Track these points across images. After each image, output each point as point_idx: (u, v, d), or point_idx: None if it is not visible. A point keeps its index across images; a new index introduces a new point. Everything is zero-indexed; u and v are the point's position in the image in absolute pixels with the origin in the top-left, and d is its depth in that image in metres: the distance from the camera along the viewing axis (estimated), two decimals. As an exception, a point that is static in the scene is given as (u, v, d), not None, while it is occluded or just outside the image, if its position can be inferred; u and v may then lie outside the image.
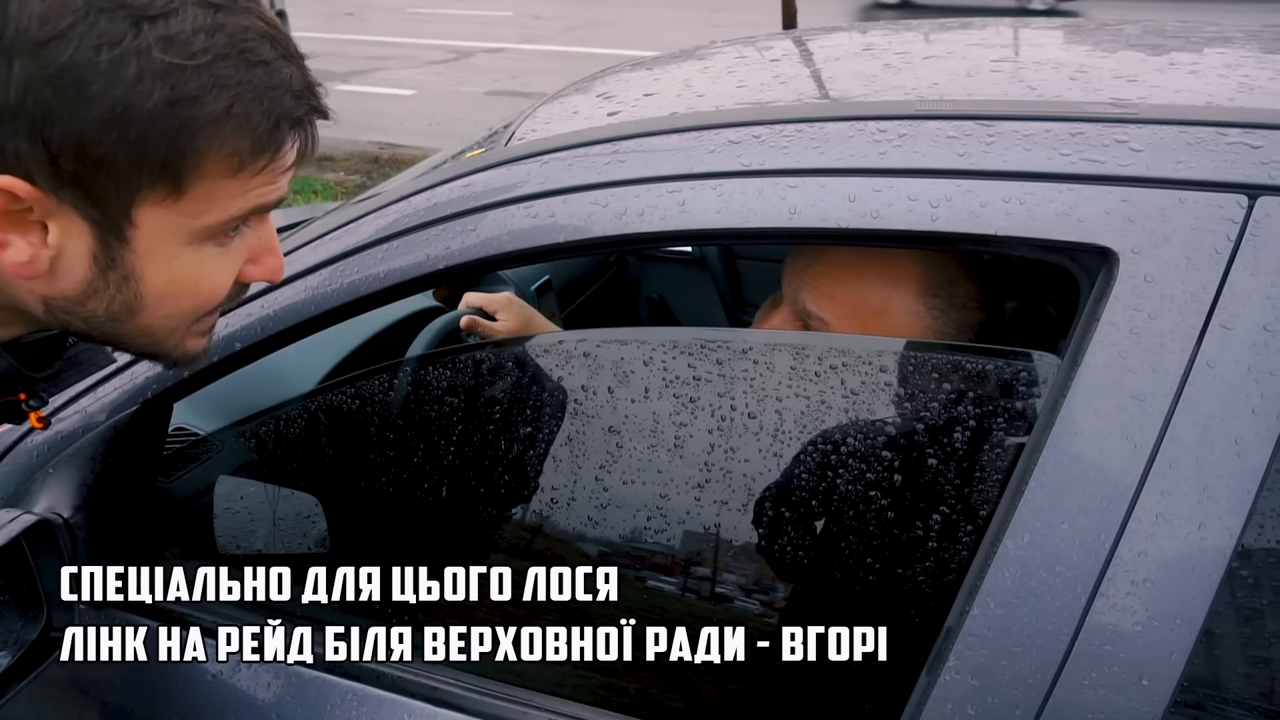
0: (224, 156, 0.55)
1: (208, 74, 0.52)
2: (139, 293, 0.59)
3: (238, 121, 0.54)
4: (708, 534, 0.81)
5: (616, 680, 0.86)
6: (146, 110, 0.51)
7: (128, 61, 0.50)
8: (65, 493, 0.97)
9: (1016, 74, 0.84)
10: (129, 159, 0.52)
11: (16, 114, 0.49)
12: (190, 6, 0.52)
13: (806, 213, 0.72)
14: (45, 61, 0.49)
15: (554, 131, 0.91)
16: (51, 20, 0.49)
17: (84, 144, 0.51)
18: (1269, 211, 0.62)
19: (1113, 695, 0.63)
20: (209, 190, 0.56)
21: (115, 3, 0.50)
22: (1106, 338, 0.64)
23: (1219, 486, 0.61)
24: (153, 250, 0.57)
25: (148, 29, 0.50)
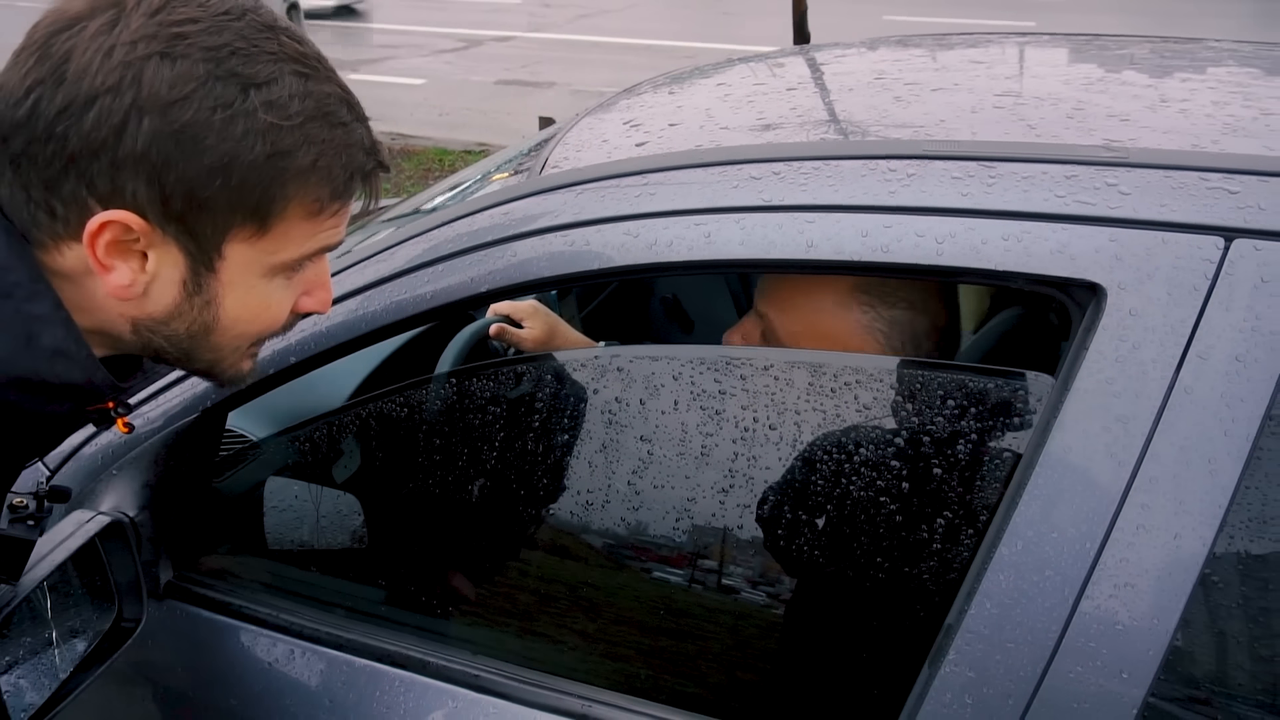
0: (307, 202, 0.64)
1: (300, 133, 0.61)
2: (216, 316, 0.67)
3: (321, 174, 0.63)
4: (732, 534, 0.88)
5: (645, 669, 0.94)
6: (248, 162, 0.59)
7: (237, 121, 0.58)
8: (130, 493, 1.04)
9: (1017, 111, 0.90)
10: (228, 202, 0.60)
11: (140, 161, 0.58)
12: (287, 75, 0.60)
13: (823, 246, 0.78)
14: (171, 119, 0.57)
15: (585, 160, 0.97)
16: (179, 85, 0.57)
17: (193, 189, 0.59)
18: (1243, 253, 0.69)
19: (1096, 687, 0.70)
20: (287, 230, 0.64)
21: (229, 71, 0.58)
22: (1094, 364, 0.71)
23: (1194, 501, 0.68)
24: (234, 280, 0.65)
25: (254, 94, 0.59)
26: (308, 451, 1.11)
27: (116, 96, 0.57)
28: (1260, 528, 0.68)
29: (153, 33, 0.57)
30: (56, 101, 0.57)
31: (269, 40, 0.60)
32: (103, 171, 0.58)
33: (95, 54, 0.57)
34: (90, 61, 0.57)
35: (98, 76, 0.57)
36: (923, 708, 0.75)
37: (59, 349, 0.61)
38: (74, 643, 0.95)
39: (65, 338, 0.61)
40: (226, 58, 0.59)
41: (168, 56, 0.57)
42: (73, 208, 0.59)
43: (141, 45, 0.57)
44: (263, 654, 1.01)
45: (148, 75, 0.57)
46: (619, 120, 1.09)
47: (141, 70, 0.57)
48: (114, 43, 0.57)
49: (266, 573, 1.12)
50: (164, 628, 1.05)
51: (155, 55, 0.57)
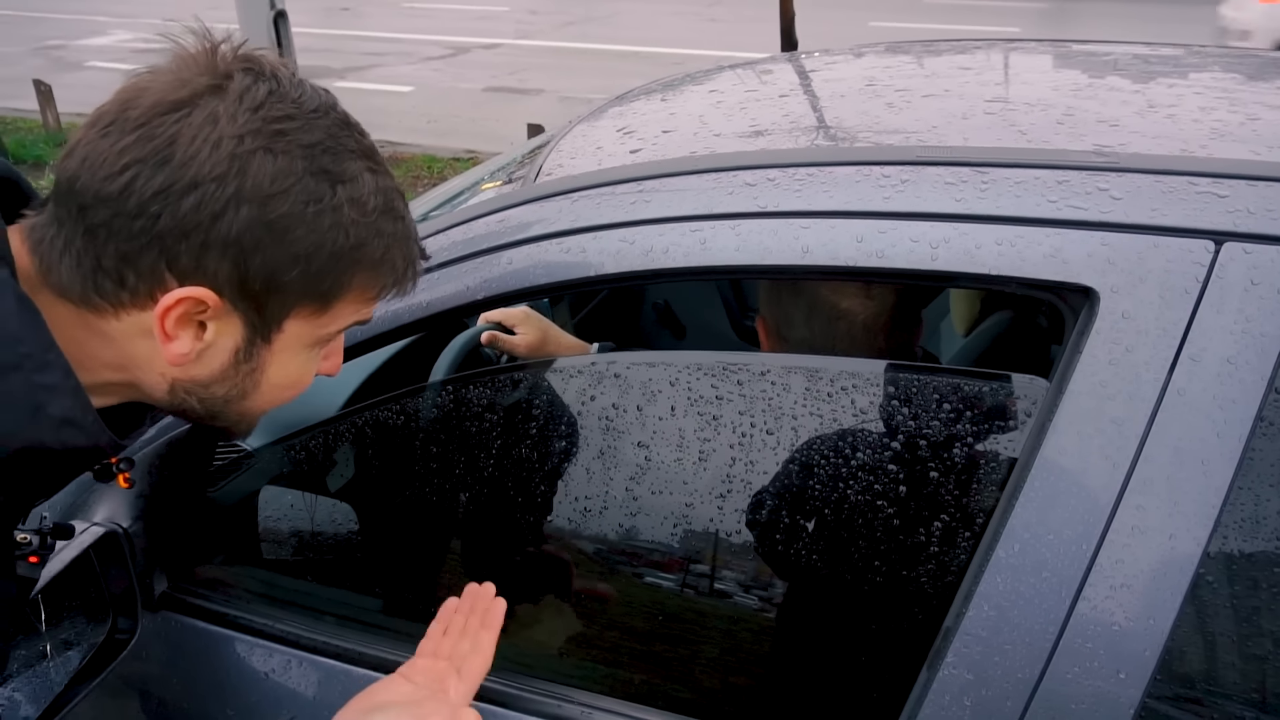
0: (368, 289, 0.68)
1: (373, 227, 0.65)
2: (258, 382, 0.69)
3: (387, 265, 0.67)
4: (729, 540, 0.88)
5: (643, 676, 0.94)
6: (329, 252, 0.63)
7: (325, 215, 0.62)
8: (124, 504, 1.04)
9: (1008, 117, 0.91)
10: (303, 287, 0.64)
11: (230, 245, 0.61)
12: (364, 173, 0.64)
13: (818, 252, 0.79)
14: (268, 210, 0.60)
15: (579, 168, 0.98)
16: (279, 180, 0.61)
17: (275, 273, 0.62)
18: (1233, 256, 0.69)
19: (1094, 687, 0.71)
20: (341, 310, 0.68)
21: (321, 168, 0.62)
22: (1088, 367, 0.72)
23: (1188, 502, 0.69)
24: (284, 350, 0.68)
25: (340, 190, 0.63)
26: (302, 460, 1.11)
27: (221, 186, 0.59)
28: (1253, 528, 0.69)
29: (257, 128, 0.60)
30: (156, 182, 0.59)
31: (348, 138, 0.65)
32: (189, 251, 0.60)
33: (204, 143, 0.59)
34: (199, 150, 0.59)
35: (205, 165, 0.59)
36: (922, 710, 0.76)
37: (67, 418, 0.62)
38: (68, 655, 0.94)
39: (73, 406, 0.62)
40: (319, 155, 0.62)
41: (270, 151, 0.61)
42: (146, 280, 0.61)
43: (248, 140, 0.60)
44: (259, 664, 1.01)
45: (253, 169, 0.60)
46: (612, 127, 1.09)
47: (247, 163, 0.60)
48: (221, 135, 0.59)
49: (262, 583, 1.12)
50: (159, 639, 1.05)
51: (260, 149, 0.60)
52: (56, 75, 8.16)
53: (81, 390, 0.63)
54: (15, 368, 0.60)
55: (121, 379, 0.67)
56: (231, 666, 1.02)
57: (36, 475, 0.65)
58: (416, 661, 0.80)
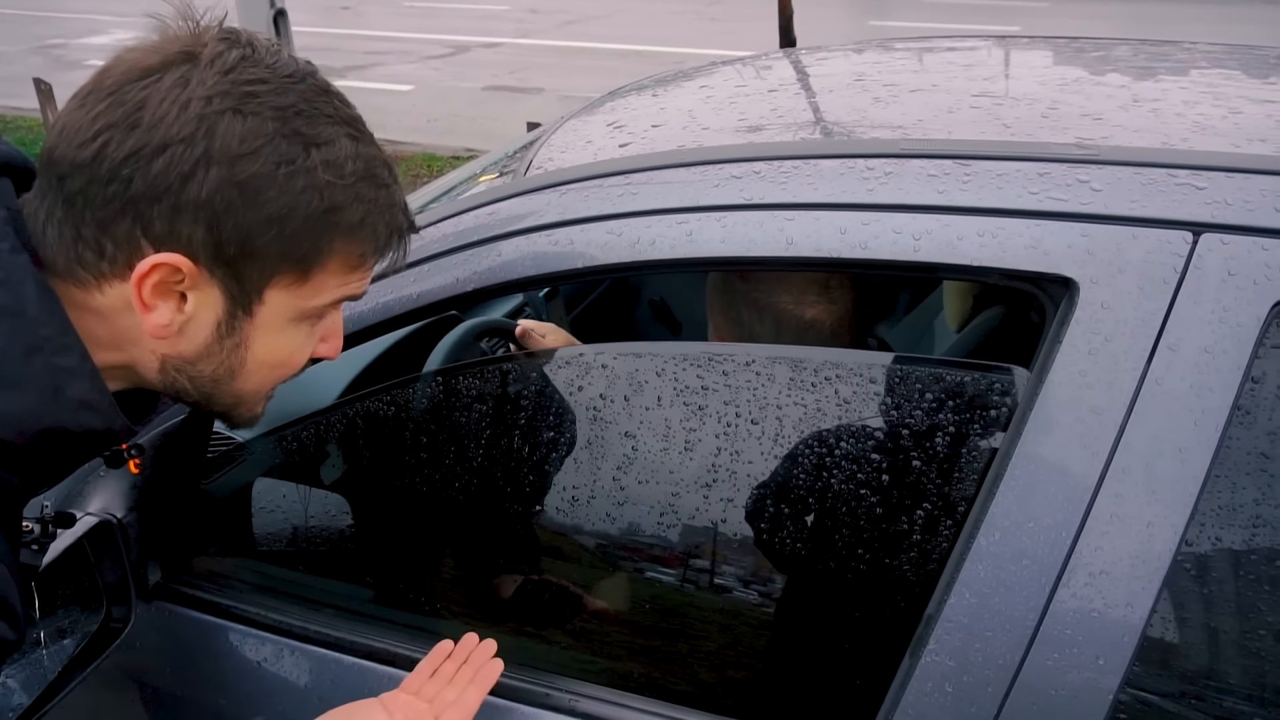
0: (350, 256, 0.67)
1: (351, 191, 0.64)
2: (244, 359, 0.69)
3: (367, 230, 0.66)
4: (715, 529, 0.89)
5: (629, 664, 0.95)
6: (304, 215, 0.63)
7: (298, 177, 0.62)
8: (118, 494, 1.04)
9: (993, 111, 0.92)
10: (279, 251, 0.64)
11: (201, 207, 0.60)
12: (341, 137, 0.64)
13: (802, 243, 0.80)
14: (238, 170, 0.60)
15: (569, 161, 0.98)
16: (249, 140, 0.60)
17: (249, 236, 0.62)
18: (1211, 247, 0.70)
19: (1073, 673, 0.72)
20: (324, 280, 0.68)
21: (293, 130, 0.62)
22: (1068, 357, 0.72)
23: (1166, 490, 0.69)
24: (267, 324, 0.68)
25: (314, 153, 0.63)
26: (295, 452, 1.12)
27: (189, 146, 0.59)
28: (1230, 515, 0.70)
29: (226, 90, 0.61)
30: (126, 146, 0.59)
31: (326, 104, 0.65)
32: (162, 215, 0.61)
33: (171, 105, 0.59)
34: (166, 112, 0.59)
35: (173, 127, 0.59)
36: (904, 697, 0.77)
37: (84, 400, 0.63)
38: (63, 644, 0.95)
39: (91, 389, 0.63)
40: (292, 118, 0.62)
41: (239, 113, 0.60)
42: (124, 247, 0.62)
43: (216, 100, 0.60)
44: (252, 653, 1.02)
45: (220, 129, 0.60)
46: (603, 122, 1.10)
47: (215, 124, 0.60)
48: (190, 96, 0.60)
49: (255, 573, 1.12)
50: (153, 629, 1.06)
51: (229, 111, 0.60)
52: (56, 74, 8.16)
53: (98, 373, 0.64)
54: (36, 350, 0.61)
55: (120, 360, 0.68)
56: (225, 655, 1.03)
57: (50, 459, 0.66)
58: (399, 695, 0.81)
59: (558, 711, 0.88)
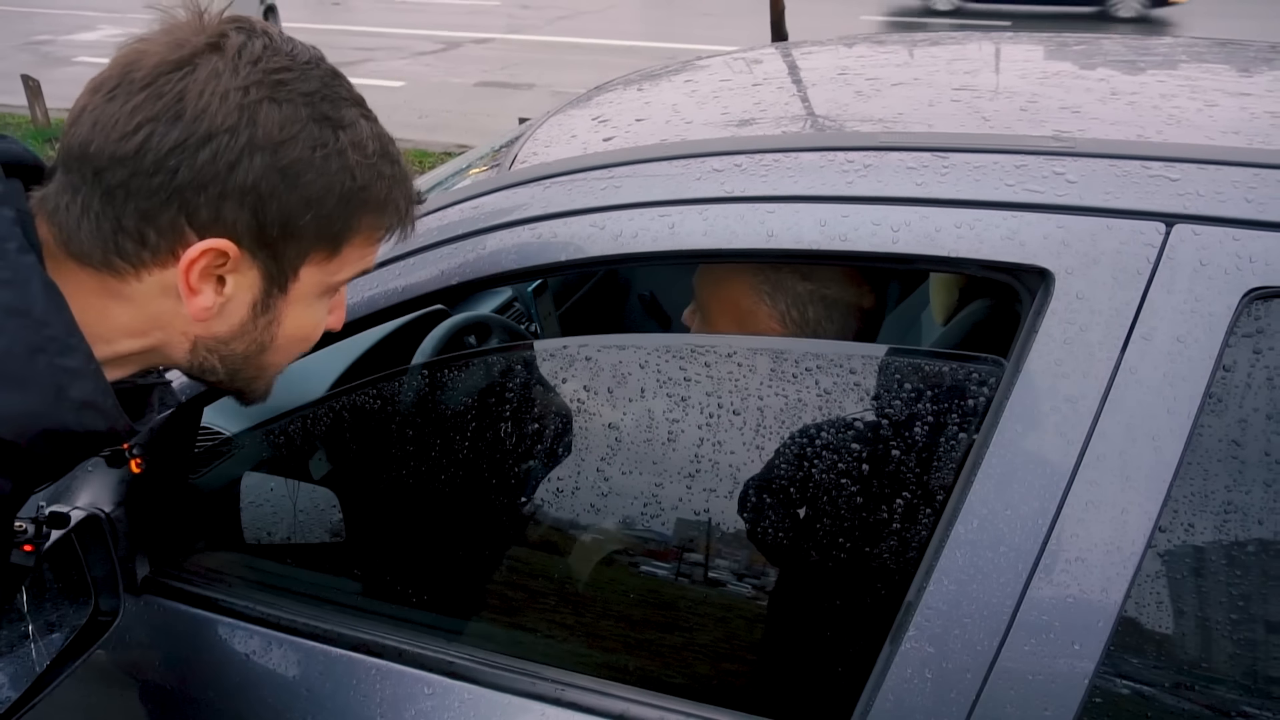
0: (373, 230, 0.70)
1: (375, 169, 0.67)
2: (274, 335, 0.71)
3: (390, 205, 0.70)
4: (697, 519, 0.90)
5: (615, 654, 0.95)
6: (338, 195, 0.66)
7: (332, 159, 0.65)
8: (106, 488, 1.05)
9: (973, 104, 0.92)
10: (315, 230, 0.66)
11: (247, 193, 0.63)
12: (360, 120, 0.67)
13: (783, 235, 0.81)
14: (280, 156, 0.63)
15: (554, 155, 0.99)
16: (287, 126, 0.63)
17: (290, 218, 0.65)
18: (1183, 237, 0.71)
19: (1049, 659, 0.73)
20: (349, 255, 0.70)
21: (322, 115, 0.65)
22: (1044, 347, 0.73)
23: (1139, 477, 0.71)
24: (298, 300, 0.70)
25: (343, 135, 0.65)
26: (283, 446, 1.12)
27: (234, 136, 0.61)
28: (1202, 501, 0.71)
29: (259, 79, 0.63)
30: (171, 136, 0.61)
31: (341, 87, 0.67)
32: (208, 202, 0.62)
33: (212, 96, 0.61)
34: (208, 104, 0.61)
35: (216, 117, 0.61)
36: (885, 683, 0.78)
37: (87, 401, 0.64)
38: (51, 638, 0.95)
39: (94, 390, 0.64)
40: (319, 102, 0.65)
41: (275, 101, 0.63)
42: (168, 235, 0.63)
43: (253, 90, 0.62)
44: (240, 646, 1.02)
45: (261, 117, 0.62)
46: (588, 116, 1.11)
47: (256, 113, 0.62)
48: (227, 87, 0.62)
49: (243, 567, 1.13)
50: (141, 622, 1.06)
51: (265, 99, 0.62)
52: (45, 70, 8.13)
53: (101, 374, 0.64)
54: (40, 350, 0.61)
55: (142, 346, 0.69)
56: (213, 649, 1.03)
57: (48, 460, 0.66)
58: None
59: (544, 700, 0.88)
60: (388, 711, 0.93)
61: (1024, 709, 0.73)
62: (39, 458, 0.64)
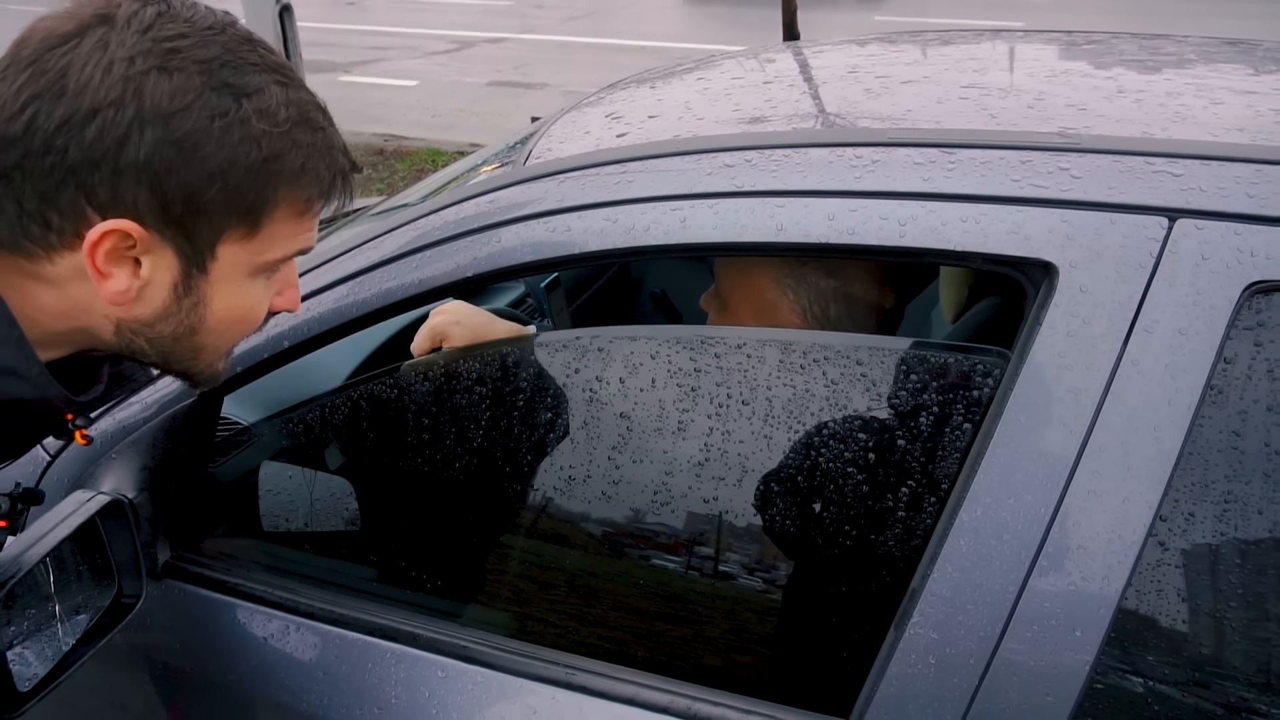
0: (296, 203, 0.68)
1: (288, 138, 0.65)
2: (203, 317, 0.69)
3: (309, 175, 0.67)
4: (706, 508, 0.92)
5: (624, 639, 0.97)
6: (245, 166, 0.63)
7: (233, 129, 0.62)
8: (129, 475, 1.08)
9: (981, 102, 0.94)
10: (225, 205, 0.64)
11: (142, 169, 0.60)
12: (271, 85, 0.64)
13: (792, 229, 0.82)
14: (172, 129, 0.60)
15: (568, 151, 1.01)
16: (179, 97, 0.60)
17: (193, 193, 0.62)
18: (1186, 232, 0.73)
19: (1051, 645, 0.74)
20: (275, 231, 0.68)
21: (222, 82, 0.62)
22: (1047, 339, 0.75)
23: (1141, 467, 0.72)
24: (222, 280, 0.69)
25: (246, 103, 0.63)
26: (301, 435, 1.15)
27: (119, 109, 0.59)
28: (1202, 491, 0.72)
29: (148, 48, 0.60)
30: (56, 115, 0.59)
31: (250, 52, 0.64)
32: (104, 181, 0.60)
33: (95, 69, 0.59)
34: (90, 76, 0.59)
35: (100, 91, 0.59)
36: (889, 668, 0.79)
37: (8, 368, 0.63)
38: (77, 619, 0.98)
39: (16, 357, 0.63)
40: (218, 69, 0.62)
41: (165, 70, 0.60)
42: (70, 218, 0.62)
43: (139, 60, 0.60)
44: (258, 630, 1.04)
45: (148, 88, 0.60)
46: (601, 113, 1.12)
47: (142, 84, 0.60)
48: (111, 58, 0.59)
49: (261, 552, 1.15)
50: (162, 606, 1.09)
51: (153, 69, 0.60)
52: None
53: (25, 342, 0.63)
54: None
55: (70, 327, 0.67)
56: (231, 632, 1.05)
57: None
58: None
59: (554, 684, 0.90)
60: (402, 694, 0.95)
61: (1025, 695, 0.75)
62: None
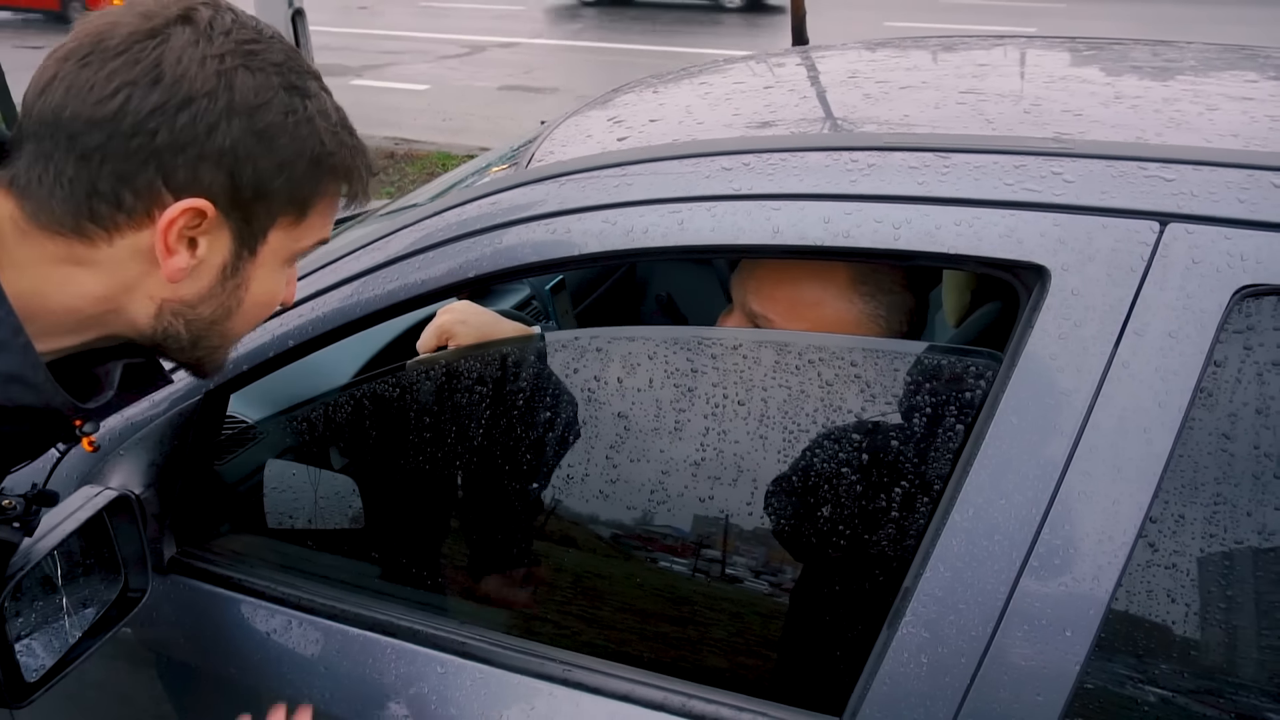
0: (335, 197, 0.73)
1: (338, 138, 0.71)
2: (240, 300, 0.74)
3: (353, 173, 0.74)
4: (702, 508, 0.93)
5: (620, 636, 0.98)
6: (308, 159, 0.69)
7: (302, 125, 0.68)
8: (136, 471, 1.09)
9: (978, 107, 0.95)
10: (287, 194, 0.70)
11: (224, 155, 0.66)
12: (321, 91, 0.71)
13: (788, 232, 0.83)
14: (255, 120, 0.66)
15: (570, 154, 1.02)
16: (261, 93, 0.67)
17: (263, 181, 0.68)
18: (1177, 236, 0.73)
19: (1042, 645, 0.75)
20: (313, 222, 0.74)
21: (290, 84, 0.68)
22: (1039, 341, 0.76)
23: (1131, 468, 0.72)
24: (264, 264, 0.73)
25: (310, 104, 0.70)
26: (305, 433, 1.16)
27: (213, 100, 0.64)
28: (1192, 493, 0.73)
29: (233, 49, 0.66)
30: (151, 99, 0.63)
31: (300, 61, 0.71)
32: (186, 163, 0.65)
33: (190, 63, 0.64)
34: (187, 69, 0.64)
35: (195, 81, 0.64)
36: (882, 667, 0.80)
37: (13, 374, 0.64)
38: (84, 612, 1.00)
39: (22, 363, 0.64)
40: (287, 73, 0.68)
41: (249, 69, 0.66)
42: (144, 197, 0.65)
43: (229, 58, 0.65)
44: (261, 625, 1.06)
45: (238, 83, 0.65)
46: (604, 117, 1.14)
47: (233, 79, 0.65)
48: (205, 54, 0.65)
49: (265, 549, 1.17)
50: (168, 601, 1.10)
51: (240, 67, 0.66)
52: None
53: (31, 349, 0.65)
54: None
55: (104, 310, 0.69)
56: (235, 626, 1.07)
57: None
58: None
59: (551, 680, 0.91)
60: (402, 689, 0.97)
61: (1017, 693, 0.76)
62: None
